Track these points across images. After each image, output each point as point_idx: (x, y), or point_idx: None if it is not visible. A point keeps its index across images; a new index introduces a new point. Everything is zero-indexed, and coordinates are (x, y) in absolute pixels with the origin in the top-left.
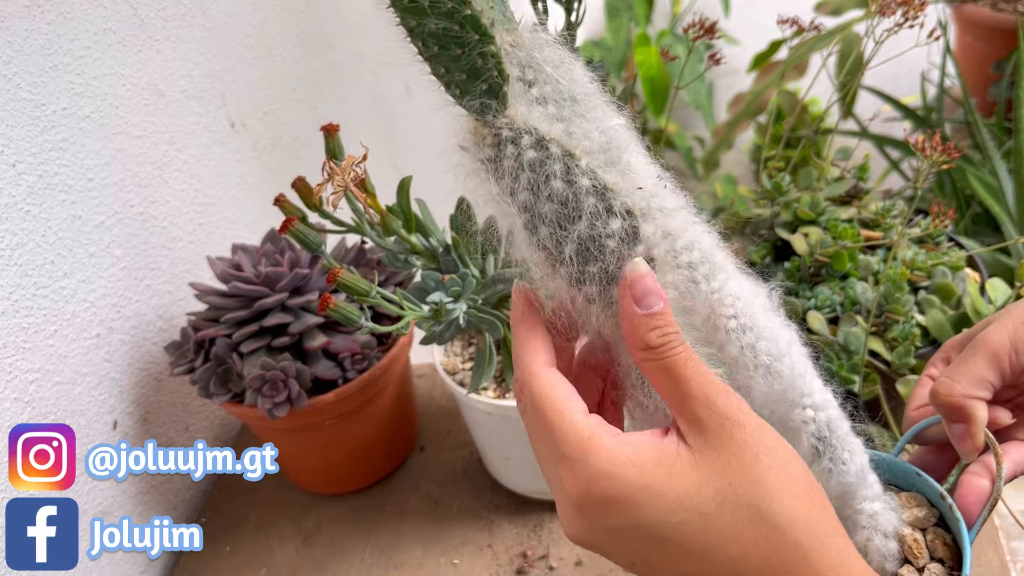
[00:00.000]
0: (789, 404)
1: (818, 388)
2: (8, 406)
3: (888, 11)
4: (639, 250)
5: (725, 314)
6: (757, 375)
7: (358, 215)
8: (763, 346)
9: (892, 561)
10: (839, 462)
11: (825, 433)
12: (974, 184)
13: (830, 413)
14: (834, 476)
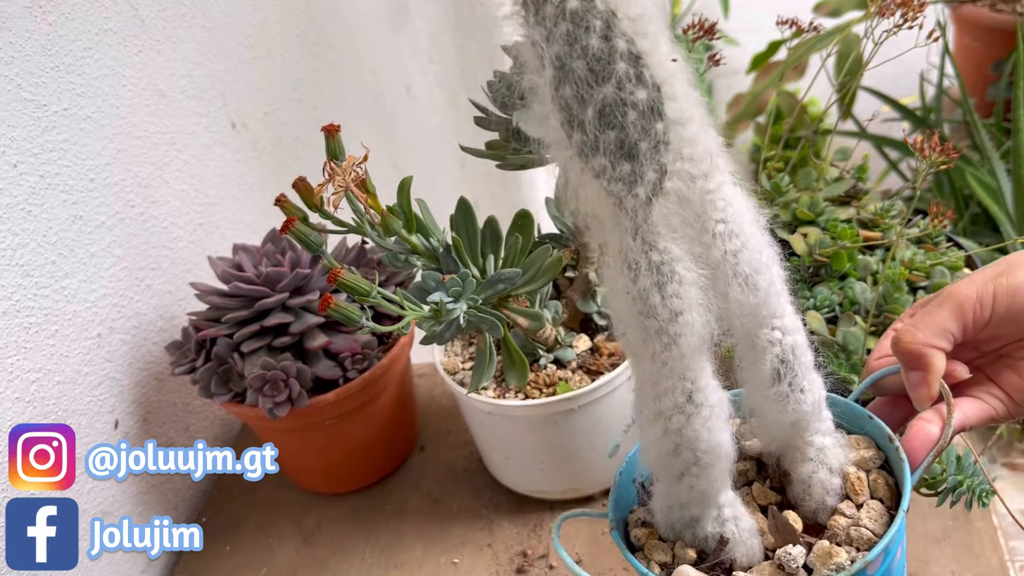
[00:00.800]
0: (759, 321)
1: (789, 312)
2: (9, 406)
3: (887, 12)
4: (659, 127)
5: (715, 217)
6: (735, 283)
7: (359, 215)
8: (745, 256)
9: (833, 496)
10: (797, 389)
11: (789, 357)
12: (973, 184)
13: (796, 339)
14: (790, 403)
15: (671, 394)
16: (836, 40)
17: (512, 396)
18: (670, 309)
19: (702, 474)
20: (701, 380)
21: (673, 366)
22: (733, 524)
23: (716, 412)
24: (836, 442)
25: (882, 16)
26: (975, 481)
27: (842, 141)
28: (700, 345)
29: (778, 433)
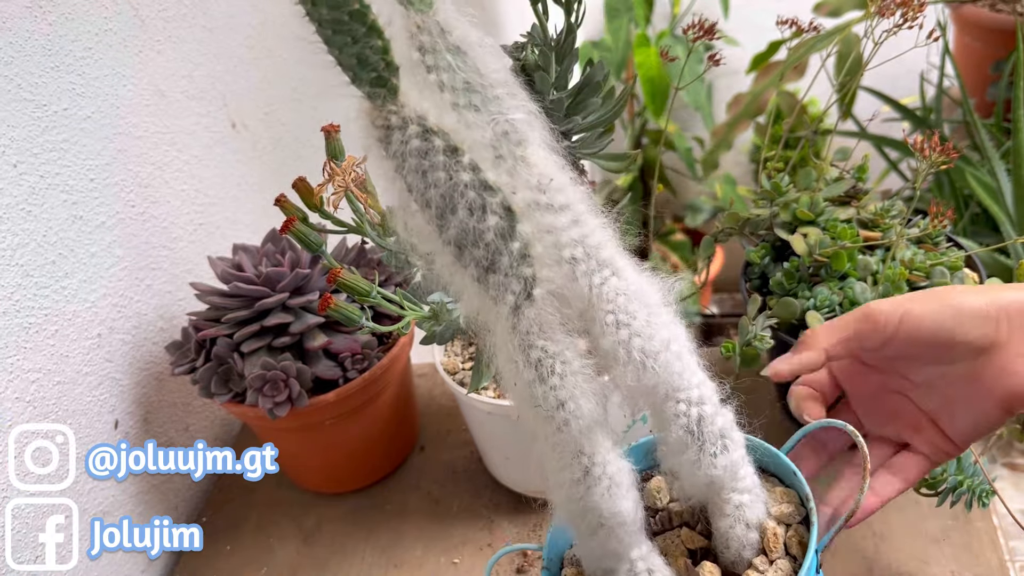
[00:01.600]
0: (662, 397)
1: (696, 384)
2: (9, 406)
3: (887, 12)
4: (515, 246)
5: (604, 308)
6: (628, 369)
7: (358, 215)
8: (637, 343)
9: (750, 550)
10: (708, 454)
11: (694, 428)
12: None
13: (704, 409)
14: (701, 467)
15: (569, 469)
16: (836, 40)
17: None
18: (555, 399)
19: (610, 535)
20: (597, 456)
21: (566, 446)
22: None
23: (615, 482)
24: (755, 498)
25: (882, 16)
26: (975, 481)
27: (842, 141)
28: (591, 426)
29: (695, 492)
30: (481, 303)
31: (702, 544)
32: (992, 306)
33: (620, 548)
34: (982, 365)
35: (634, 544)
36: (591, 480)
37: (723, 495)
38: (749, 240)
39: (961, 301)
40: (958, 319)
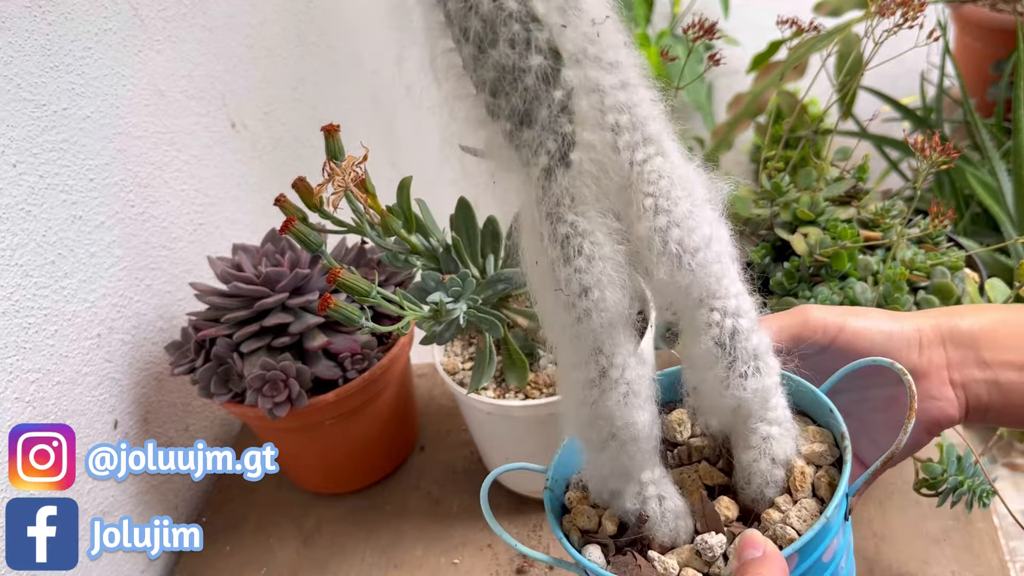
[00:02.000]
0: (695, 301)
1: (734, 294)
2: (9, 406)
3: (887, 12)
4: (557, 95)
5: (644, 190)
6: (662, 262)
7: (358, 215)
8: (675, 233)
9: (773, 488)
10: (737, 373)
11: (726, 340)
12: (973, 184)
13: (740, 323)
14: (729, 387)
15: (584, 367)
16: (836, 40)
17: (512, 396)
18: (578, 284)
19: (621, 449)
20: (617, 357)
21: (584, 340)
22: (656, 503)
23: (633, 390)
24: (785, 432)
25: (882, 16)
26: (975, 481)
27: (842, 141)
28: (614, 322)
29: (719, 418)
30: (510, 162)
31: (721, 481)
32: (915, 333)
33: (631, 466)
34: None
35: (646, 465)
36: (607, 383)
37: (750, 424)
38: (749, 240)
39: (891, 326)
40: (889, 343)
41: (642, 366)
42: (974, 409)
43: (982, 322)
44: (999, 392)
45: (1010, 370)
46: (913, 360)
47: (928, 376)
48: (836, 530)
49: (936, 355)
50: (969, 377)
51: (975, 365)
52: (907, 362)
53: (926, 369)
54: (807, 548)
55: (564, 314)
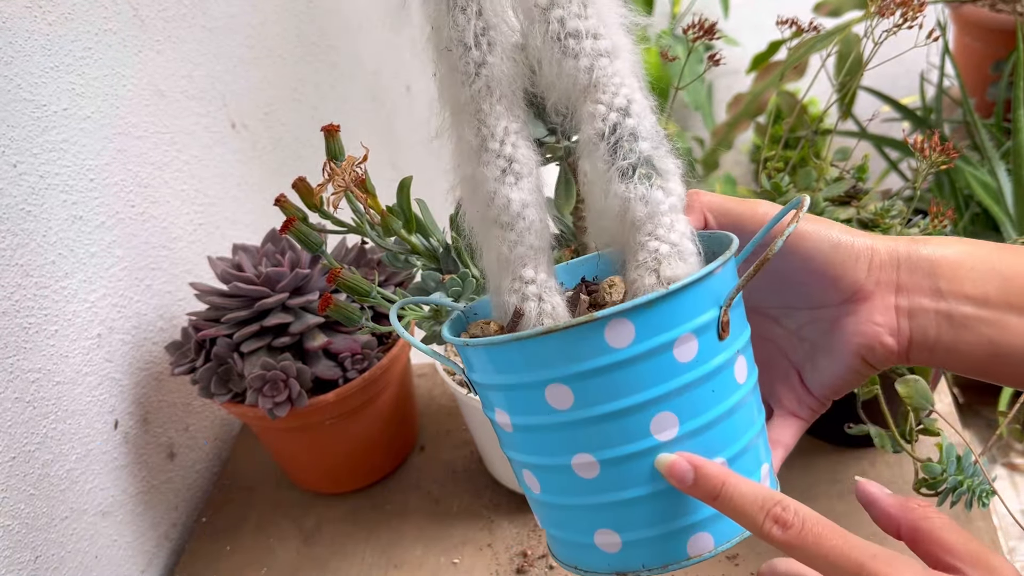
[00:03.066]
0: (580, 91)
1: (624, 95)
2: (9, 406)
3: (887, 12)
4: None
5: None
6: (545, 42)
7: (358, 215)
8: (556, 13)
9: None
10: (618, 170)
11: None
12: (973, 184)
13: (626, 121)
14: (611, 185)
15: (466, 137)
16: (836, 40)
17: None
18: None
19: (503, 237)
20: (497, 127)
21: (467, 106)
22: (534, 303)
23: (513, 169)
24: (676, 253)
25: (882, 16)
26: (975, 481)
27: (842, 141)
28: (496, 90)
29: (608, 227)
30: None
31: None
32: (867, 250)
33: (511, 257)
34: (845, 312)
35: (528, 261)
36: (487, 156)
37: (638, 238)
38: None
39: (841, 237)
40: (834, 253)
41: (526, 147)
42: (918, 344)
43: (946, 251)
44: (950, 327)
45: (967, 304)
46: (859, 278)
47: (871, 298)
48: (695, 326)
49: (885, 276)
50: (918, 306)
51: (928, 294)
52: (851, 278)
53: (871, 290)
54: (642, 318)
55: (450, 80)
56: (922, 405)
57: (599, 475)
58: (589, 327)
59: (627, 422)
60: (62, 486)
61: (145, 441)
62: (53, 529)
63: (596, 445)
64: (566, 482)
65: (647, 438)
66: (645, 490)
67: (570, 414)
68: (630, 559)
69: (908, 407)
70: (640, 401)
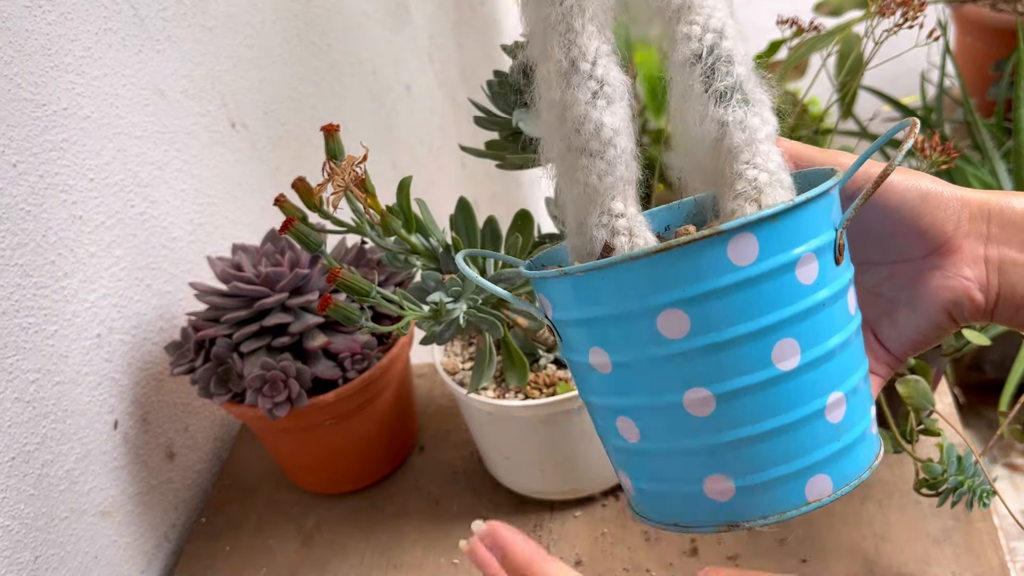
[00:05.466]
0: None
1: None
2: (9, 406)
3: (888, 11)
4: None
5: None
6: None
7: (358, 215)
8: None
9: None
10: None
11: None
12: (973, 184)
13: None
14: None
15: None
16: (836, 40)
17: (512, 396)
18: None
19: (591, 166)
20: (588, 47)
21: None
22: (625, 237)
23: (604, 91)
24: (776, 182)
25: (882, 15)
26: (976, 482)
27: (843, 141)
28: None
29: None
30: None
31: None
32: (957, 201)
33: (600, 187)
34: (931, 266)
35: (617, 192)
36: (577, 77)
37: (736, 167)
38: None
39: (931, 187)
40: (923, 204)
41: (616, 69)
42: (1006, 300)
43: None
44: None
45: None
46: (947, 229)
47: (960, 250)
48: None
49: (975, 228)
50: (1008, 258)
51: (1020, 248)
52: (940, 230)
53: (959, 243)
54: (767, 233)
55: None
56: (923, 405)
57: (714, 411)
58: (712, 241)
59: (747, 350)
60: (61, 486)
61: (145, 441)
62: (52, 529)
63: (712, 377)
64: (675, 422)
65: (768, 367)
66: (765, 426)
67: (685, 343)
68: (744, 508)
69: (908, 407)
70: (763, 326)
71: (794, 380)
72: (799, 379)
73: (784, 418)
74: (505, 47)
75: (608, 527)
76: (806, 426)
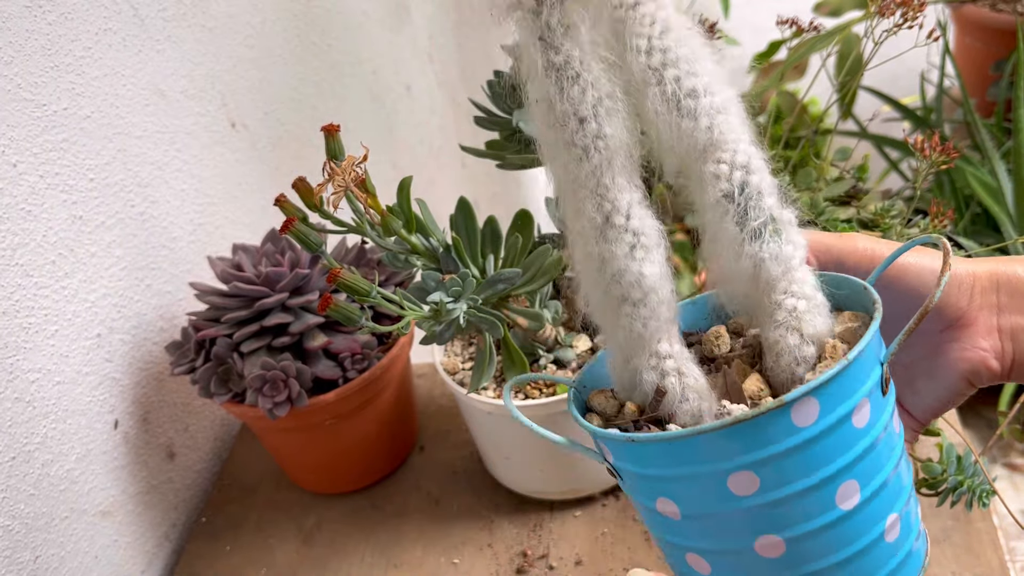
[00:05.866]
0: (699, 152)
1: (743, 149)
2: (9, 406)
3: (887, 12)
4: None
5: (635, 31)
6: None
7: (358, 215)
8: (671, 73)
9: (805, 366)
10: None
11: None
12: (973, 184)
13: (750, 177)
14: (744, 247)
15: (587, 214)
16: (836, 40)
17: (512, 396)
18: (575, 116)
19: (634, 314)
20: (621, 201)
21: (587, 183)
22: (675, 378)
23: (641, 242)
24: (814, 308)
25: (882, 16)
26: (975, 481)
27: (842, 141)
28: (616, 162)
29: (738, 288)
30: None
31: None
32: (968, 277)
33: (645, 334)
34: (948, 338)
35: (662, 334)
36: (612, 232)
37: (774, 297)
38: None
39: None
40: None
41: (650, 217)
42: (1020, 364)
43: None
44: None
45: None
46: (961, 305)
47: (975, 323)
48: (867, 390)
49: (987, 300)
50: (1020, 326)
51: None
52: (955, 307)
53: (974, 316)
54: (826, 394)
55: (566, 156)
56: None
57: (785, 553)
58: (776, 412)
59: (813, 498)
60: (62, 486)
61: (145, 441)
62: (53, 529)
63: (782, 525)
64: (747, 563)
65: (833, 510)
66: (832, 559)
67: (755, 499)
68: None
69: None
70: (827, 475)
71: (857, 515)
72: (861, 513)
73: (849, 550)
74: (505, 47)
75: (608, 527)
76: (869, 552)
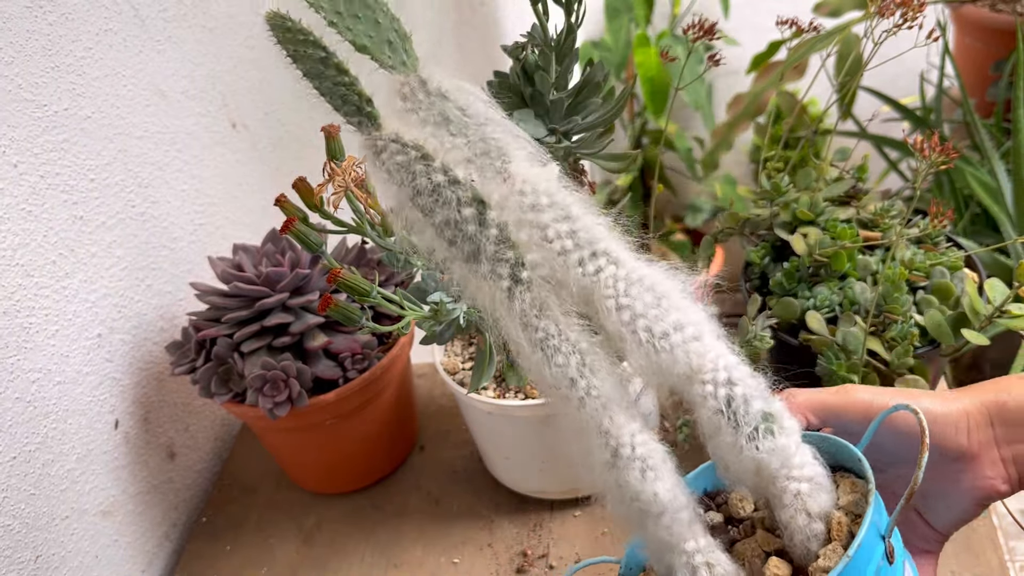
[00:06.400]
0: (685, 379)
1: (722, 367)
2: (10, 406)
3: (887, 12)
4: (491, 232)
5: (603, 294)
6: (637, 350)
7: (359, 215)
8: (642, 323)
9: (816, 542)
10: (745, 436)
11: (723, 408)
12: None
13: (734, 390)
14: (743, 450)
15: (597, 450)
16: (836, 40)
17: (512, 396)
18: (565, 378)
19: (657, 525)
20: (623, 436)
21: (588, 424)
22: (706, 571)
23: (648, 464)
24: (817, 487)
25: (882, 16)
26: None
27: (842, 141)
28: (609, 404)
29: (745, 479)
30: (481, 291)
31: (778, 546)
32: (962, 416)
33: (670, 539)
34: (957, 469)
35: (687, 535)
36: (621, 463)
37: (779, 484)
38: (749, 240)
39: (936, 410)
40: (934, 427)
41: (652, 440)
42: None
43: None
44: None
45: None
46: (961, 444)
47: (978, 457)
48: (873, 569)
49: (984, 435)
50: (1019, 453)
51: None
52: (955, 445)
53: (976, 452)
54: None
55: (565, 406)
56: None
57: None
58: None
59: None
60: (62, 486)
61: (145, 441)
62: (53, 529)
63: None
64: None
65: None
66: None
67: None
68: None
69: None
70: None
71: None
72: None
73: None
74: (505, 47)
75: (608, 527)
76: None
